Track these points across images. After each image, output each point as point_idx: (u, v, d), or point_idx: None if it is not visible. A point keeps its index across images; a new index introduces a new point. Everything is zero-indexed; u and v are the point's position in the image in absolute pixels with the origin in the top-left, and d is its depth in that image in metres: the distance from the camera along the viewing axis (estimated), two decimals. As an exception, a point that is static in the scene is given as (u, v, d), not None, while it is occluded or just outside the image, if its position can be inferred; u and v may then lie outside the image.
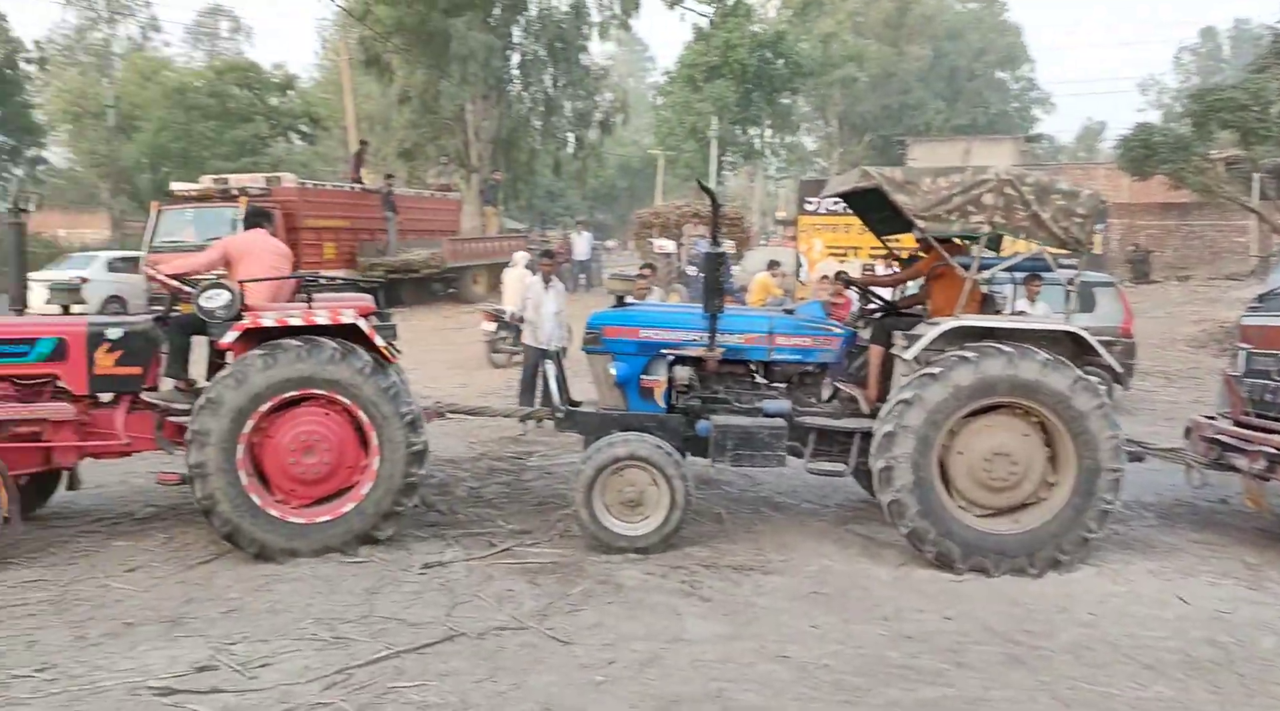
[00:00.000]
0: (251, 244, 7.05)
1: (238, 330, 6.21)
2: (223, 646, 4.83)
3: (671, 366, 6.85)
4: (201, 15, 69.53)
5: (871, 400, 6.77)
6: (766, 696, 4.37)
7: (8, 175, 38.73)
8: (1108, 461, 6.04)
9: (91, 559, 6.28)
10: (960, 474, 6.19)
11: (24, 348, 6.41)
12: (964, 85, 62.39)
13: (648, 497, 6.35)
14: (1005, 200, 6.21)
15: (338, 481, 6.33)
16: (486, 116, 26.05)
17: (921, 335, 6.29)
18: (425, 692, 4.36)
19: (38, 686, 4.39)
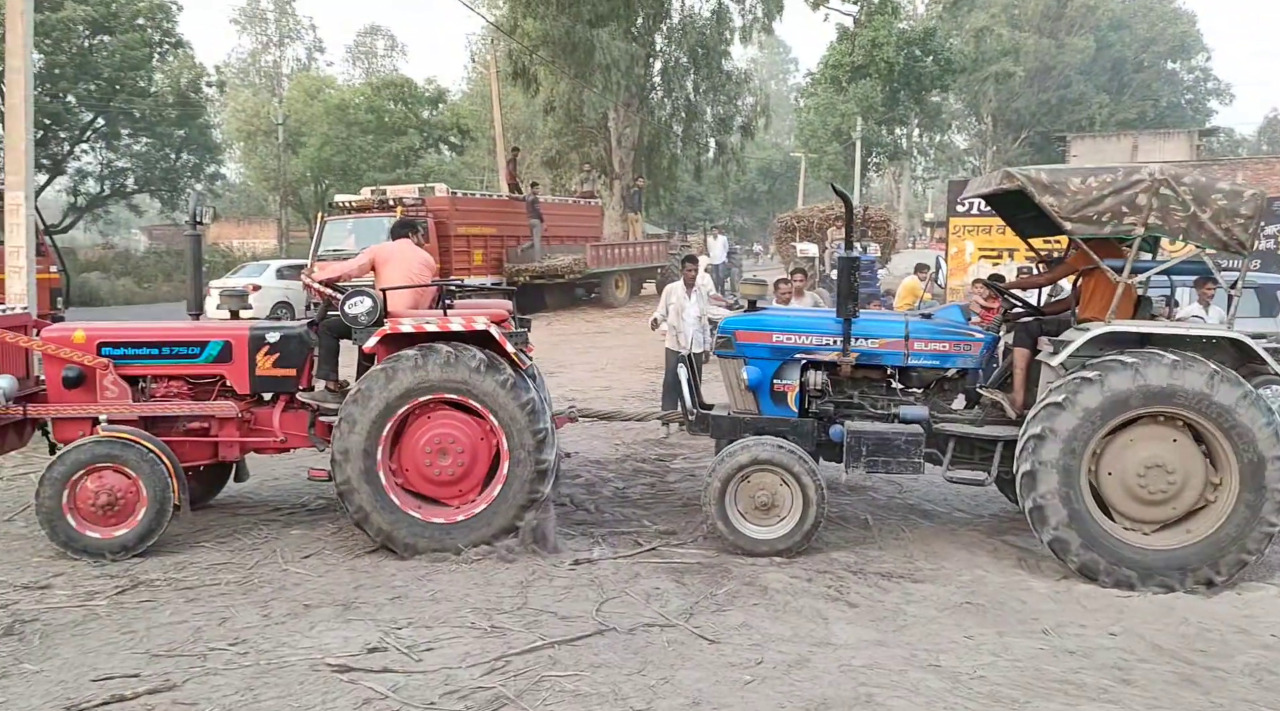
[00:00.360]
0: (396, 252, 7.37)
1: (378, 335, 6.54)
2: (390, 630, 5.14)
3: (804, 371, 6.87)
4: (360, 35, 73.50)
5: (1017, 406, 6.62)
6: (918, 704, 4.35)
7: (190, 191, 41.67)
8: (1270, 449, 5.75)
9: (272, 545, 6.77)
10: (1115, 492, 6.01)
11: (196, 350, 6.97)
12: (1130, 77, 59.43)
13: (780, 499, 6.39)
14: (1161, 201, 5.96)
15: (475, 480, 6.58)
16: (628, 124, 26.48)
17: (1070, 340, 6.12)
18: (579, 682, 4.53)
19: (231, 659, 4.78)
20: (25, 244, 9.79)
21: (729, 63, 28.33)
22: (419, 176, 40.58)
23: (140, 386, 6.97)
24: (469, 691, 4.43)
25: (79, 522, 6.37)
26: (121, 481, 6.40)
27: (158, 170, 39.64)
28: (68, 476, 6.35)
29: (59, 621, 5.30)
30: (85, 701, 4.32)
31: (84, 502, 6.36)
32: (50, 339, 6.89)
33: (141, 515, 6.41)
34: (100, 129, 37.51)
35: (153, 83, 37.93)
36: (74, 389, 6.82)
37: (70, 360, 6.79)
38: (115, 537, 6.38)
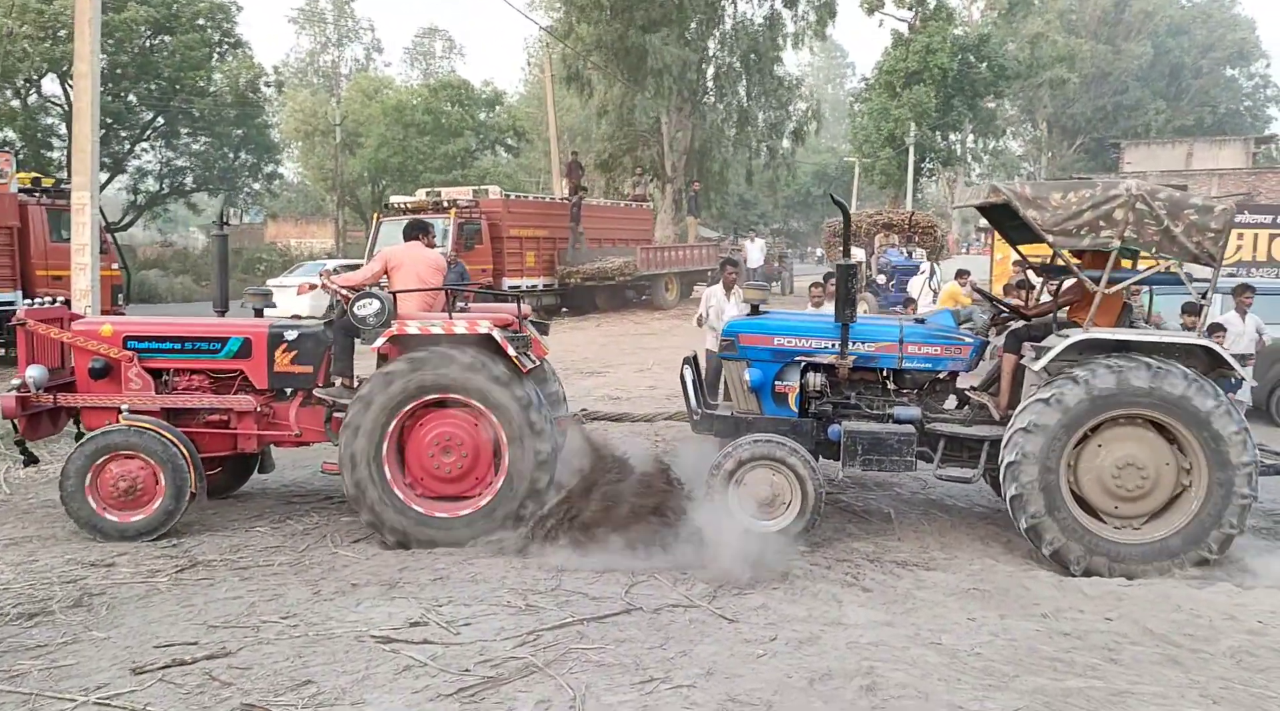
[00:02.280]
0: (406, 256, 7.67)
1: (385, 336, 6.83)
2: (432, 607, 5.48)
3: (804, 373, 7.12)
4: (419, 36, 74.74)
5: (1003, 408, 6.89)
6: (914, 676, 4.60)
7: (249, 189, 42.77)
8: (1226, 428, 6.09)
9: (322, 530, 7.18)
10: (1096, 493, 6.35)
11: (217, 345, 7.34)
12: (1188, 84, 58.52)
13: (779, 493, 6.63)
14: (1137, 215, 6.26)
15: (473, 481, 6.84)
16: (680, 128, 26.77)
17: (1050, 346, 6.39)
18: (603, 654, 4.84)
19: (282, 630, 5.15)
20: (90, 241, 10.31)
21: (781, 68, 28.48)
22: (475, 178, 41.20)
23: (163, 379, 7.35)
24: (501, 661, 4.75)
25: (100, 506, 6.78)
26: (141, 468, 6.78)
27: (216, 169, 40.66)
28: (90, 462, 6.75)
29: (124, 595, 5.72)
30: (149, 664, 4.70)
31: (105, 487, 6.77)
32: (79, 332, 7.32)
33: (159, 501, 6.80)
34: (160, 128, 38.54)
35: (212, 82, 38.89)
36: (100, 379, 7.25)
37: (97, 352, 7.21)
38: (133, 522, 6.79)
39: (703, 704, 4.29)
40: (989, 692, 4.43)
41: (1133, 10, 56.41)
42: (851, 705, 4.30)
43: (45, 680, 4.56)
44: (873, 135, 40.92)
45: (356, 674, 4.60)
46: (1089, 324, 6.42)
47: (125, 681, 4.54)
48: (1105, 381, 6.16)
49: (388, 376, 6.68)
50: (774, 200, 51.93)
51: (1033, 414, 6.24)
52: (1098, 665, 4.78)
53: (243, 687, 4.46)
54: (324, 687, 4.45)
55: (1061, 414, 6.18)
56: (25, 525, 7.19)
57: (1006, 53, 41.56)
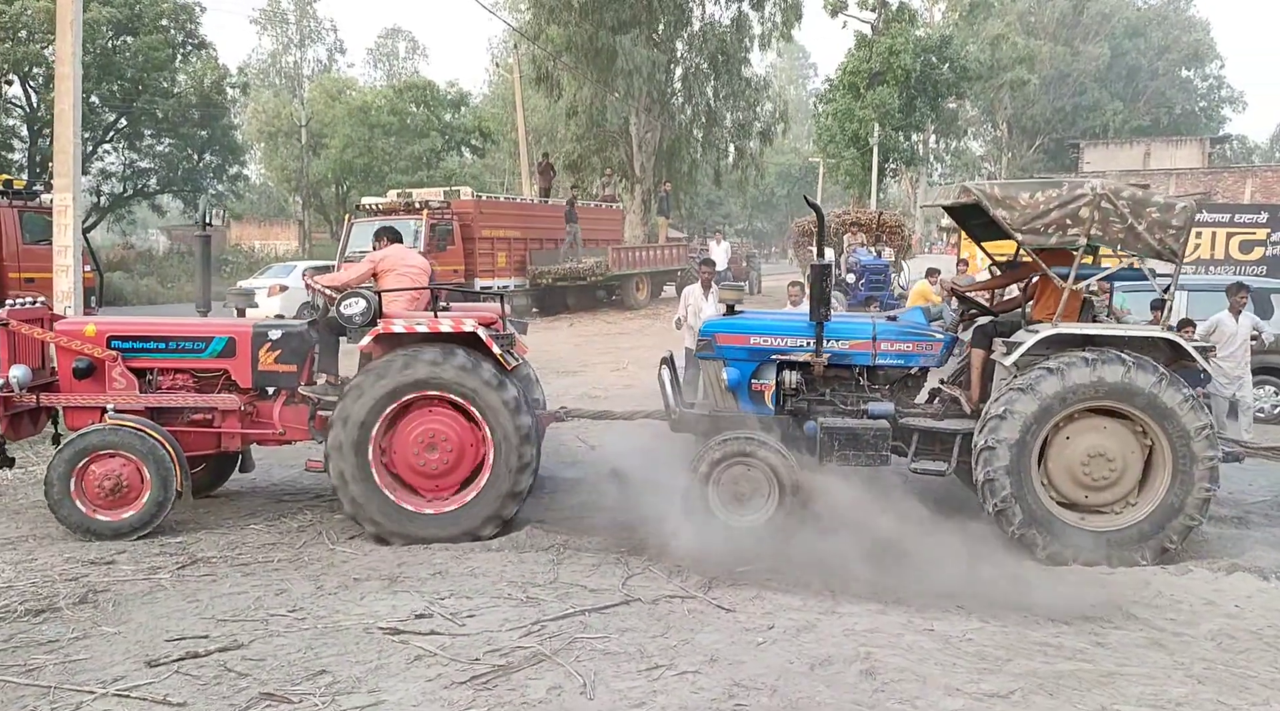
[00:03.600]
0: (393, 259, 7.80)
1: (371, 335, 6.92)
2: (435, 600, 5.60)
3: (780, 371, 7.31)
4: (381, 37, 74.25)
5: (973, 402, 7.13)
6: (911, 661, 4.80)
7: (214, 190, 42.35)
8: (1192, 423, 6.36)
9: (317, 527, 7.26)
10: (1061, 475, 6.60)
11: (201, 345, 7.40)
12: (1145, 85, 59.60)
13: (756, 488, 6.81)
14: (1102, 214, 6.51)
15: (458, 477, 6.95)
16: (649, 129, 26.96)
17: (1021, 341, 6.62)
18: (607, 643, 5.00)
19: (290, 623, 5.26)
20: (72, 243, 10.31)
21: (749, 69, 28.74)
22: (441, 179, 41.13)
23: (148, 378, 7.40)
24: (509, 650, 4.89)
25: (89, 508, 6.82)
26: (123, 465, 6.83)
27: (180, 171, 40.26)
28: (71, 466, 6.78)
29: (129, 592, 5.79)
30: (163, 657, 4.80)
31: (91, 488, 6.81)
32: (63, 331, 7.36)
33: (146, 499, 6.85)
34: (123, 129, 38.10)
35: (176, 83, 38.55)
36: (84, 379, 7.28)
37: (81, 352, 7.24)
38: (125, 518, 6.83)
39: (708, 689, 4.46)
40: (983, 676, 4.63)
41: (1090, 12, 57.35)
42: (853, 688, 4.49)
43: (61, 673, 4.64)
44: (837, 135, 41.28)
45: (369, 663, 4.73)
46: (1057, 319, 6.66)
47: (141, 674, 4.63)
48: (1079, 374, 6.41)
49: (381, 370, 6.77)
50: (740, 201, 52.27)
51: (1007, 401, 6.47)
52: (1085, 648, 5.01)
53: (259, 678, 4.57)
54: (339, 677, 4.58)
55: (1037, 403, 6.42)
56: (19, 525, 7.21)
57: (968, 54, 42.15)
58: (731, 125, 29.16)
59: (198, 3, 38.59)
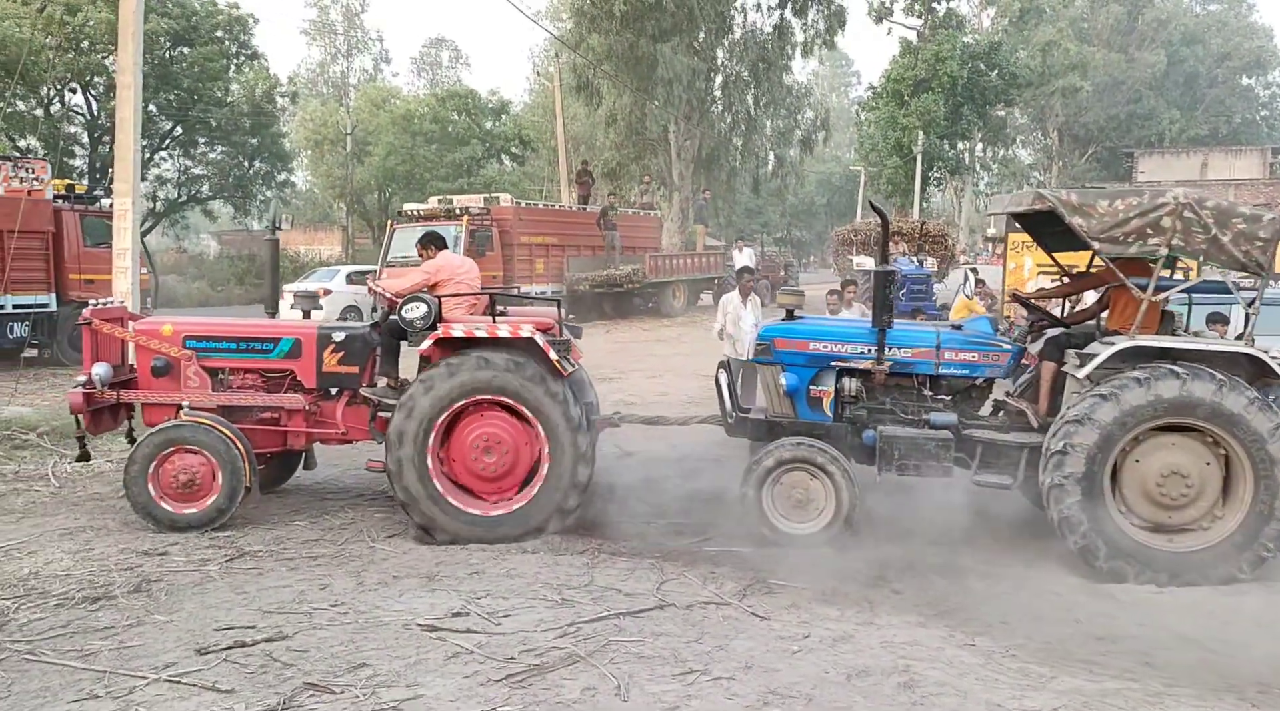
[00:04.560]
0: (448, 267, 7.89)
1: (431, 339, 7.08)
2: (471, 599, 5.69)
3: (839, 377, 7.27)
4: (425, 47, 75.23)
5: (1041, 415, 6.96)
6: (951, 675, 4.77)
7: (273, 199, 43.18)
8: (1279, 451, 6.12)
9: (359, 525, 7.41)
10: (1133, 490, 6.39)
11: (269, 345, 7.63)
12: (1203, 93, 58.53)
13: (814, 495, 6.82)
14: (1185, 223, 6.32)
15: (515, 479, 7.08)
16: (689, 137, 27.02)
17: (1095, 353, 6.48)
18: (642, 647, 5.03)
19: (333, 617, 5.37)
20: (131, 246, 10.61)
21: (789, 77, 28.71)
22: (480, 186, 41.53)
23: (219, 377, 7.63)
24: (544, 650, 4.96)
25: (160, 497, 7.06)
26: (199, 462, 7.06)
27: (231, 177, 41.08)
28: (152, 456, 7.04)
29: (180, 582, 5.96)
30: (212, 645, 4.93)
31: (166, 480, 7.05)
32: (142, 331, 7.62)
33: (216, 494, 7.07)
34: (178, 137, 38.99)
35: (229, 93, 39.35)
36: (161, 377, 7.53)
37: (159, 351, 7.50)
38: (192, 513, 7.06)
39: (743, 695, 4.47)
40: (1026, 692, 4.58)
41: (1146, 19, 56.38)
42: (890, 700, 4.47)
43: (116, 659, 4.79)
44: (880, 144, 41.20)
45: (408, 658, 4.82)
46: (1134, 330, 6.48)
47: (192, 661, 4.77)
48: (1169, 388, 6.19)
49: (451, 368, 6.91)
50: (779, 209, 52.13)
51: (1086, 407, 6.26)
52: (1132, 667, 4.94)
53: (303, 668, 4.68)
54: (379, 670, 4.67)
55: (1119, 412, 6.21)
56: (77, 516, 7.45)
57: (1017, 61, 41.76)
58: (772, 133, 29.14)
59: (251, 14, 39.43)
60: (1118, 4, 55.45)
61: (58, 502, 7.90)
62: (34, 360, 14.45)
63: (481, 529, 6.94)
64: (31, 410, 11.15)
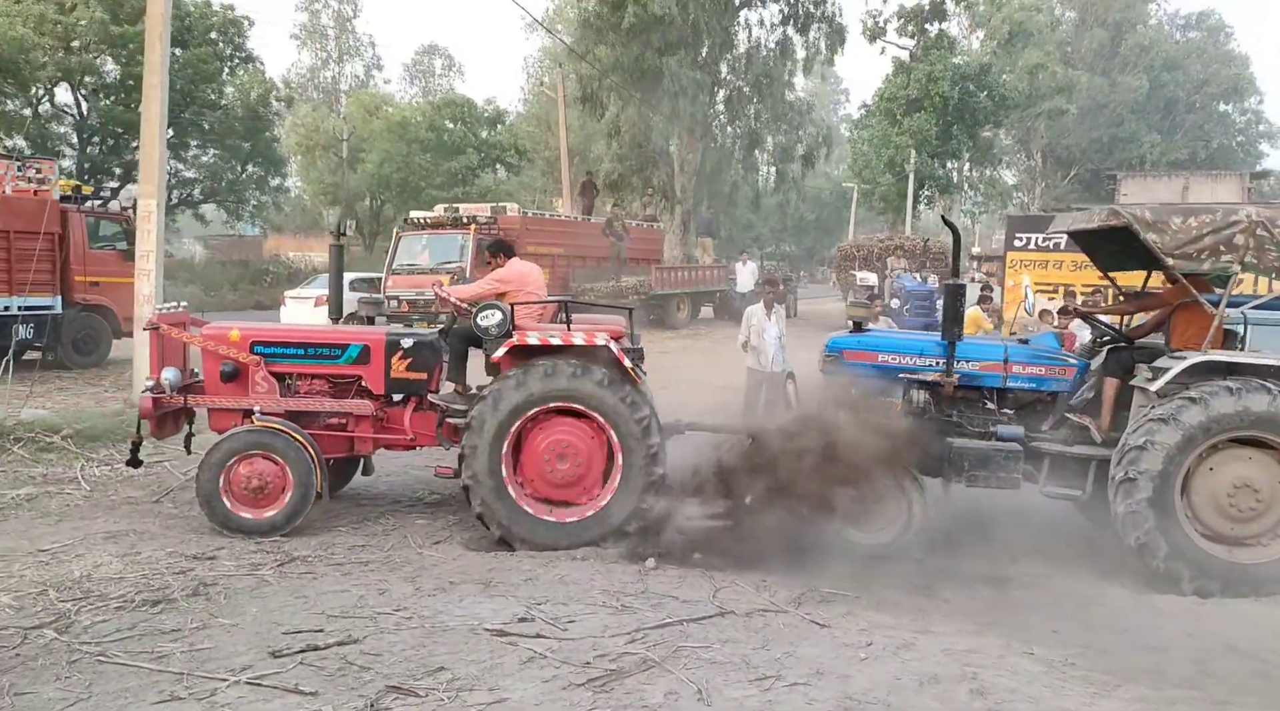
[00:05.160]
0: (517, 273, 8.00)
1: (506, 346, 7.13)
2: (532, 605, 5.72)
3: (906, 389, 7.38)
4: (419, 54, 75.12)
5: (1104, 430, 7.06)
6: (1019, 682, 4.86)
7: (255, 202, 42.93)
8: None
9: (403, 532, 7.43)
10: (1202, 498, 6.49)
11: (338, 351, 7.65)
12: (1182, 118, 59.41)
13: (883, 506, 6.92)
14: (1257, 241, 6.47)
15: (587, 485, 7.13)
16: (691, 150, 27.18)
17: (1167, 368, 6.58)
18: (712, 653, 5.09)
19: (399, 621, 5.40)
20: (155, 248, 10.58)
21: (791, 93, 28.91)
22: (476, 195, 41.55)
23: (286, 383, 7.64)
24: (617, 655, 5.01)
25: (233, 503, 7.07)
26: (270, 467, 7.08)
27: (223, 182, 40.85)
28: (224, 462, 7.05)
29: (236, 586, 5.96)
30: (284, 649, 4.95)
31: (237, 485, 7.05)
32: (209, 336, 7.61)
33: (287, 499, 7.08)
34: (170, 140, 38.73)
35: (223, 96, 39.16)
36: (229, 382, 7.53)
37: (227, 356, 7.50)
38: (264, 518, 7.07)
39: (821, 701, 4.54)
40: (1095, 700, 4.68)
41: (1128, 44, 57.36)
42: (966, 707, 4.54)
43: (190, 661, 4.80)
44: (873, 161, 41.51)
45: (484, 662, 4.85)
46: (1207, 346, 6.60)
47: (267, 663, 4.79)
48: (1223, 403, 6.33)
49: (521, 377, 6.97)
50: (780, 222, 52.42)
51: (1174, 408, 6.33)
52: (1193, 676, 5.05)
53: (380, 671, 4.71)
54: (458, 674, 4.71)
55: (1205, 418, 6.30)
56: (116, 520, 7.42)
57: (1006, 83, 42.21)
58: (773, 148, 29.35)
59: (246, 17, 39.29)
60: (1102, 29, 56.38)
61: (92, 506, 7.87)
62: (35, 364, 14.30)
63: (558, 535, 6.99)
64: (49, 413, 11.08)
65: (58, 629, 5.18)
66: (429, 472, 9.37)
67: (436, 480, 8.97)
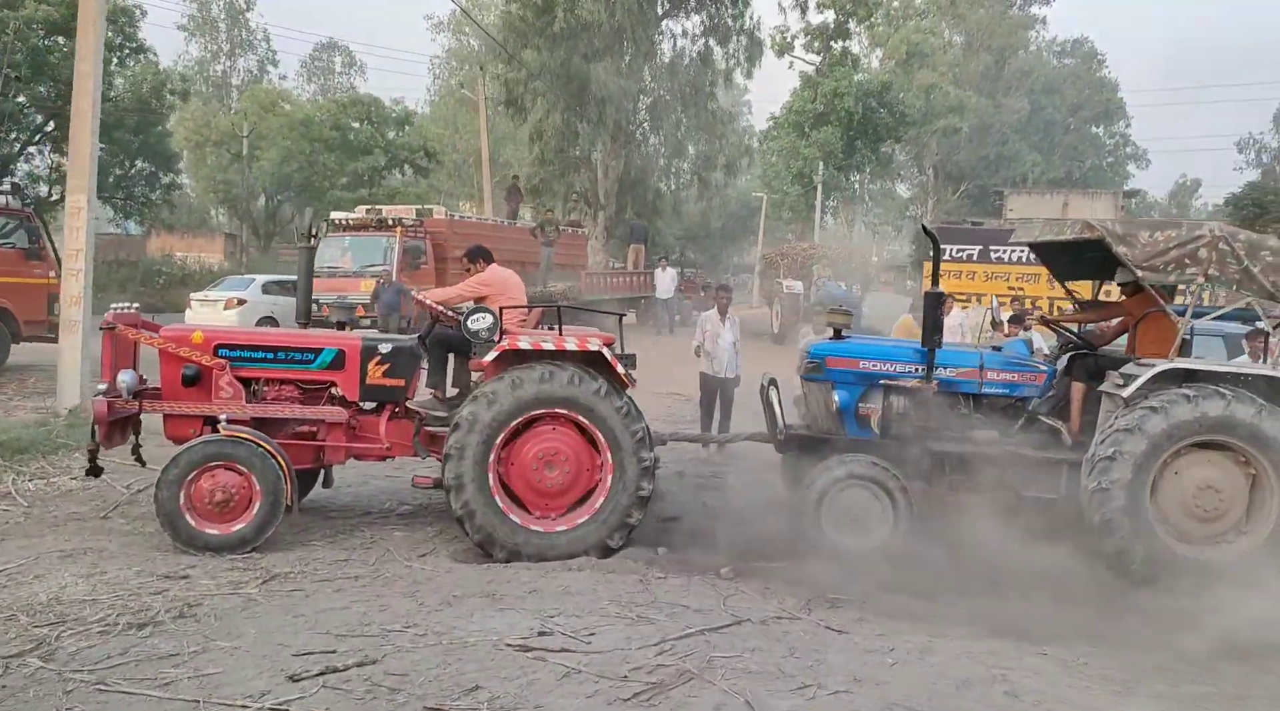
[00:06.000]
0: (498, 278, 7.84)
1: (498, 351, 6.94)
2: (545, 618, 5.54)
3: (886, 395, 7.48)
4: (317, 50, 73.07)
5: (1074, 433, 7.30)
6: (1044, 683, 4.94)
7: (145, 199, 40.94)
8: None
9: (382, 545, 7.12)
10: (1169, 501, 6.73)
11: (310, 356, 7.30)
12: (1060, 139, 62.40)
13: (870, 512, 6.98)
14: (1219, 254, 6.75)
15: (575, 494, 6.99)
16: (614, 156, 27.12)
17: (1137, 375, 6.83)
18: (744, 662, 5.01)
19: (413, 638, 5.15)
20: (85, 247, 9.95)
21: (714, 103, 29.12)
22: (384, 197, 40.60)
23: (252, 389, 7.26)
24: (652, 667, 4.88)
25: (196, 520, 6.64)
26: (234, 479, 6.68)
27: (111, 177, 38.83)
28: (183, 477, 6.60)
29: (223, 606, 5.60)
30: (303, 671, 4.67)
31: (199, 501, 6.63)
32: (170, 338, 7.17)
33: (255, 510, 6.69)
34: (51, 133, 36.59)
35: (112, 88, 37.24)
36: (190, 387, 7.10)
37: (189, 359, 7.07)
38: (233, 532, 6.66)
39: (867, 708, 4.52)
40: (1121, 699, 4.79)
41: (1011, 68, 60.04)
42: (1002, 707, 4.60)
43: (201, 687, 4.49)
44: (782, 172, 42.27)
45: (518, 679, 4.67)
46: (1173, 354, 6.85)
47: (286, 688, 4.51)
48: (1214, 407, 6.56)
49: (516, 380, 6.79)
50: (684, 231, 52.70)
51: (1137, 418, 6.55)
52: (1201, 673, 5.21)
53: (413, 692, 4.49)
54: (496, 692, 4.51)
55: (1167, 425, 6.53)
56: (67, 538, 6.93)
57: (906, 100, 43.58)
58: (696, 156, 29.52)
59: (139, 5, 37.50)
60: (987, 53, 58.82)
61: (35, 523, 7.31)
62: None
63: (544, 545, 6.80)
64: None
65: (42, 656, 4.79)
66: (390, 483, 9.13)
67: (403, 491, 8.75)
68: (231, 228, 54.07)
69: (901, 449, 7.27)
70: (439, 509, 8.22)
